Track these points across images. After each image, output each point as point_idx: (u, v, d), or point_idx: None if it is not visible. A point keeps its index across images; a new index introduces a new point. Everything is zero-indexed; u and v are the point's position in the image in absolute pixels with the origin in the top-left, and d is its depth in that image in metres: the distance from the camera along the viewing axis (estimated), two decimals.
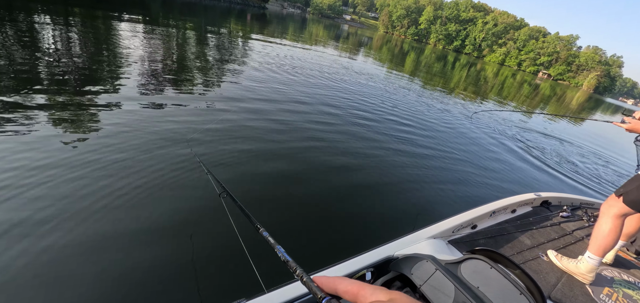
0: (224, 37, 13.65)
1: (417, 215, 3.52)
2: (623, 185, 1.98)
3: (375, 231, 3.10)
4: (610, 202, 2.01)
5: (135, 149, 3.54)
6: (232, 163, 3.71)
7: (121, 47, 7.50)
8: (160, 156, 3.49)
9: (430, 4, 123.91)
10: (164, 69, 6.72)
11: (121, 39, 8.42)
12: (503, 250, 2.18)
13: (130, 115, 4.29)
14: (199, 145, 3.94)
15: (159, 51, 8.04)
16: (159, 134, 3.97)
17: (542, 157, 7.00)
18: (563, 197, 3.34)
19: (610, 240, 1.96)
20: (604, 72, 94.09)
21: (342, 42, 26.32)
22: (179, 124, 4.39)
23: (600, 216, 2.05)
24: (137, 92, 5.14)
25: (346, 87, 9.22)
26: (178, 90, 5.74)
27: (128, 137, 3.75)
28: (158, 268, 2.21)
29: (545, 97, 27.63)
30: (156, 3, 22.08)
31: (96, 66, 5.87)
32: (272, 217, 3.01)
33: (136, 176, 3.08)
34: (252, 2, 58.84)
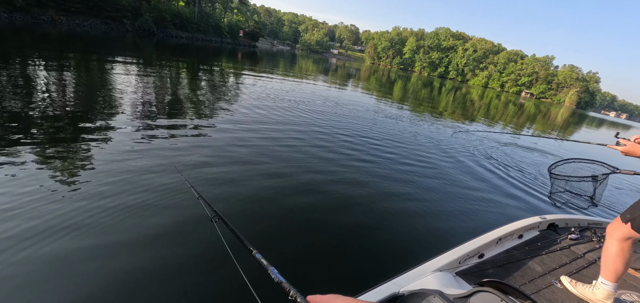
0: (216, 74, 13.88)
1: (421, 247, 3.38)
2: (629, 209, 1.91)
3: (378, 265, 2.92)
4: (615, 226, 1.96)
5: (127, 177, 3.54)
6: (224, 188, 3.72)
7: (115, 87, 7.53)
8: (152, 183, 3.50)
9: (412, 35, 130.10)
10: (156, 105, 6.74)
11: (115, 80, 8.48)
12: (513, 279, 2.10)
13: (122, 146, 4.33)
14: (191, 171, 3.97)
15: (151, 89, 8.10)
16: (151, 162, 4.00)
17: (540, 179, 7.07)
18: (570, 218, 3.24)
19: (619, 264, 1.90)
20: (583, 87, 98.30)
21: (331, 75, 27.01)
22: (171, 152, 4.45)
23: (606, 239, 2.00)
24: (129, 126, 5.15)
25: (338, 117, 9.28)
26: (170, 122, 5.78)
27: (120, 165, 3.77)
28: (152, 297, 2.16)
29: (531, 115, 28.41)
30: (149, 46, 22.60)
31: (90, 105, 5.81)
32: (266, 240, 2.98)
33: (128, 203, 3.08)
34: (242, 41, 60.79)
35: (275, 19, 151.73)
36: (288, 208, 3.60)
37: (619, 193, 6.78)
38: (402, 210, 4.10)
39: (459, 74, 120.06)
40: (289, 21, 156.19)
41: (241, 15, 68.19)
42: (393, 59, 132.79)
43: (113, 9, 33.71)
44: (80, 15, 30.78)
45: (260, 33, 74.29)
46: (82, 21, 30.56)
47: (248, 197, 3.61)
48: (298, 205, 3.68)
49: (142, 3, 40.22)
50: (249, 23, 71.02)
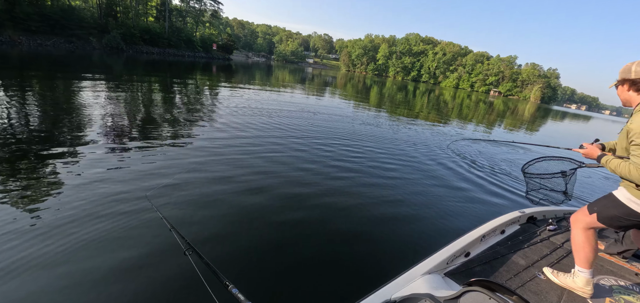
0: (190, 89, 13.48)
1: (409, 251, 3.36)
2: (596, 202, 2.01)
3: (367, 274, 2.87)
4: (579, 216, 2.07)
5: (93, 207, 3.25)
6: (200, 212, 3.44)
7: (81, 109, 7.10)
8: (121, 212, 3.23)
9: (384, 42, 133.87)
10: (127, 125, 6.38)
11: (82, 100, 8.01)
12: (499, 275, 2.17)
13: (88, 172, 4.00)
14: (163, 197, 3.67)
15: (121, 108, 7.69)
16: (120, 189, 3.70)
17: (516, 174, 7.32)
18: (547, 210, 3.37)
19: (588, 251, 1.99)
20: (545, 83, 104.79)
21: (308, 84, 27.12)
22: (143, 176, 4.13)
23: (572, 228, 2.11)
24: (97, 150, 4.80)
25: (317, 125, 9.29)
26: (141, 142, 5.44)
27: (87, 194, 3.47)
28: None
29: (501, 112, 29.80)
30: (119, 63, 21.74)
31: (54, 129, 5.39)
32: (245, 263, 2.76)
33: (94, 235, 2.83)
34: (216, 55, 59.86)
35: (249, 31, 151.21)
36: (268, 224, 3.47)
37: (590, 183, 7.14)
38: (387, 216, 4.09)
39: (431, 76, 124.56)
40: (263, 33, 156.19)
41: (214, 28, 67.36)
42: (367, 65, 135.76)
43: (77, 27, 32.28)
44: (41, 35, 29.24)
45: (235, 46, 73.60)
46: (44, 41, 29.04)
47: (225, 220, 3.40)
48: (278, 222, 3.54)
49: (109, 20, 38.86)
50: (222, 36, 70.25)
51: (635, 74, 1.71)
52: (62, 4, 33.58)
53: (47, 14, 30.21)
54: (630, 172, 1.66)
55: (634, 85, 1.74)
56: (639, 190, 1.74)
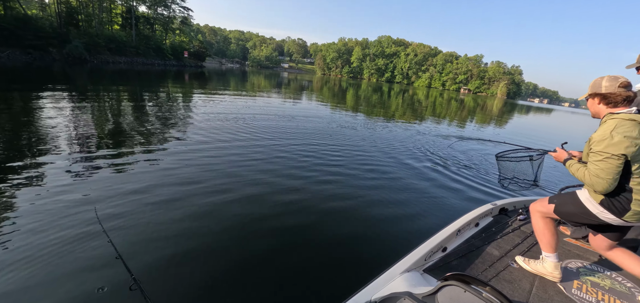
0: (161, 98, 12.92)
1: (388, 250, 3.33)
2: (558, 195, 2.16)
3: (346, 277, 2.80)
4: (536, 206, 2.20)
5: (35, 222, 2.96)
6: (152, 240, 2.98)
7: (40, 124, 6.59)
8: (68, 235, 2.89)
9: (358, 45, 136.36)
10: (88, 139, 5.92)
11: (41, 115, 7.46)
12: (475, 267, 2.23)
13: (34, 191, 3.52)
14: (117, 219, 3.25)
15: (85, 123, 7.14)
16: (68, 207, 3.37)
17: (488, 169, 7.62)
18: (517, 201, 3.54)
19: (550, 236, 2.12)
20: (510, 80, 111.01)
21: (284, 89, 26.99)
22: (98, 194, 3.75)
23: (531, 217, 2.25)
24: (51, 165, 4.34)
25: (293, 130, 9.22)
26: (101, 160, 4.96)
27: (31, 210, 3.12)
28: None
29: (471, 108, 31.13)
30: (82, 74, 20.53)
31: (11, 151, 4.84)
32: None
33: (31, 255, 2.55)
34: (188, 63, 58.18)
35: (222, 38, 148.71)
36: (233, 243, 3.21)
37: (556, 174, 7.55)
38: (365, 218, 4.07)
39: (405, 77, 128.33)
40: (236, 39, 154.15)
41: (184, 36, 65.59)
42: (342, 68, 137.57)
43: (34, 37, 30.17)
44: None
45: (207, 52, 72.08)
46: None
47: (180, 244, 2.98)
48: (246, 239, 3.29)
49: (70, 29, 36.73)
50: (193, 43, 68.54)
51: (605, 89, 1.80)
52: (17, 13, 31.32)
53: (0, 24, 28.08)
54: (584, 176, 1.79)
55: (604, 99, 1.83)
56: (598, 194, 1.84)
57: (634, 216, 1.77)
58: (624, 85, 1.75)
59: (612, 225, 1.93)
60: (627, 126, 1.69)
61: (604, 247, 2.09)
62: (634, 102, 1.83)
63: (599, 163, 1.71)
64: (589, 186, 1.79)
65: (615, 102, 1.79)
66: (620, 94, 1.75)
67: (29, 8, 39.72)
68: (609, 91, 1.78)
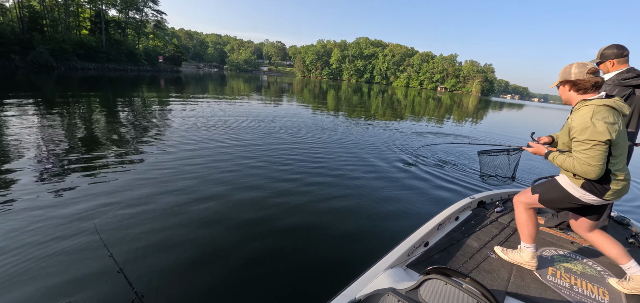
0: (136, 105, 12.37)
1: (371, 248, 3.36)
2: (539, 185, 2.20)
3: (329, 277, 2.81)
4: (521, 198, 2.25)
5: (32, 235, 2.86)
6: (150, 253, 2.92)
7: (8, 134, 6.19)
8: (65, 247, 2.81)
9: (336, 46, 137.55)
10: (63, 152, 5.58)
11: (7, 125, 7.00)
12: (456, 259, 2.29)
13: (24, 204, 3.33)
14: (111, 230, 3.20)
15: (56, 133, 6.73)
16: (62, 224, 3.19)
17: (467, 164, 7.89)
18: (494, 194, 3.67)
19: (531, 227, 2.18)
20: (483, 78, 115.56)
21: (264, 92, 26.66)
22: (86, 209, 3.57)
23: (515, 208, 2.30)
24: (31, 181, 4.13)
25: (274, 133, 9.16)
26: (83, 171, 4.75)
27: (25, 223, 3.00)
28: None
29: (448, 106, 32.07)
30: (49, 82, 19.38)
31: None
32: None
33: (29, 269, 2.46)
34: (163, 67, 56.41)
35: (198, 42, 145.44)
36: (226, 257, 3.22)
37: (533, 166, 7.76)
38: (349, 217, 4.08)
39: (383, 77, 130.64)
40: (213, 43, 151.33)
41: (158, 40, 63.62)
42: (322, 70, 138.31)
43: None
44: None
45: (183, 57, 70.30)
46: None
47: (181, 255, 2.95)
48: (239, 244, 3.27)
49: (34, 35, 34.71)
50: (168, 47, 66.63)
51: (575, 75, 1.86)
52: None
53: None
54: (575, 166, 1.80)
55: (574, 86, 1.88)
56: (577, 178, 1.92)
57: (613, 195, 1.86)
58: (592, 71, 1.82)
59: (592, 206, 2.02)
60: (604, 112, 1.74)
61: (586, 228, 2.16)
62: (601, 88, 1.90)
63: (587, 152, 1.74)
64: (581, 174, 1.79)
65: (585, 88, 1.85)
66: (589, 81, 1.82)
67: None
68: (579, 78, 1.84)
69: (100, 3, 45.87)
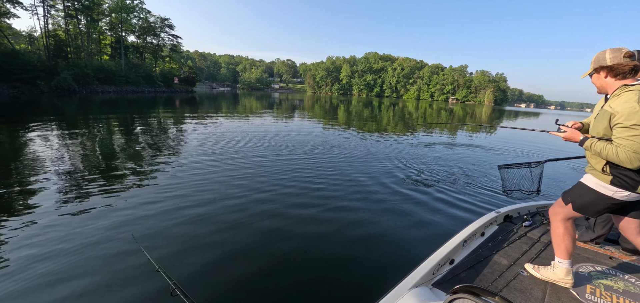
0: (155, 126, 12.78)
1: (395, 266, 3.29)
2: (569, 192, 2.06)
3: (353, 297, 2.76)
4: (557, 209, 2.11)
5: (77, 247, 3.08)
6: (183, 253, 3.23)
7: (34, 158, 6.43)
8: (104, 257, 3.02)
9: (346, 62, 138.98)
10: (90, 169, 5.86)
11: (32, 150, 7.27)
12: (485, 278, 2.19)
13: (58, 221, 3.50)
14: (147, 237, 3.46)
15: (81, 152, 7.05)
16: (98, 235, 3.41)
17: (490, 175, 7.68)
18: (521, 207, 3.49)
19: (568, 242, 2.05)
20: (496, 87, 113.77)
21: (276, 109, 27.09)
22: (121, 220, 3.82)
23: (551, 221, 2.16)
24: (61, 199, 4.34)
25: (291, 149, 9.27)
26: (111, 186, 4.99)
27: (69, 236, 3.24)
28: None
29: (461, 117, 31.67)
30: (71, 105, 20.31)
31: (13, 181, 4.95)
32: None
33: (78, 277, 2.67)
34: (178, 88, 58.20)
35: (211, 62, 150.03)
36: (252, 255, 3.30)
37: (556, 179, 7.37)
38: (369, 233, 4.02)
39: (394, 91, 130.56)
40: (226, 63, 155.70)
41: (174, 62, 65.87)
42: (332, 85, 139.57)
43: (22, 71, 29.91)
44: None
45: (197, 77, 72.33)
46: None
47: (210, 255, 3.22)
48: (263, 253, 3.35)
49: (59, 61, 36.59)
50: (183, 69, 68.85)
51: (610, 60, 1.76)
52: (5, 49, 31.17)
53: None
54: (617, 154, 1.67)
55: (611, 71, 1.78)
56: (604, 174, 1.80)
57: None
58: (628, 55, 1.72)
59: (630, 202, 1.87)
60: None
61: (634, 230, 1.98)
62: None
63: (635, 139, 1.61)
64: (624, 163, 1.66)
65: (624, 73, 1.74)
66: (627, 64, 1.72)
67: (17, 43, 39.68)
68: (616, 62, 1.75)
69: (120, 30, 48.15)
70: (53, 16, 39.65)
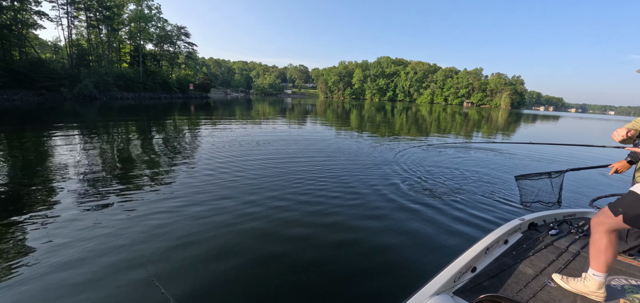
0: (171, 131, 13.06)
1: (415, 272, 3.24)
2: (619, 202, 1.93)
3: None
4: (602, 219, 1.97)
5: (87, 274, 2.90)
6: (197, 282, 2.91)
7: (55, 162, 6.63)
8: (112, 285, 2.79)
9: (358, 67, 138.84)
10: (106, 179, 5.89)
11: (55, 153, 7.57)
12: (509, 287, 2.09)
13: (69, 235, 3.56)
14: (161, 262, 3.17)
15: (99, 160, 7.25)
16: (109, 257, 3.23)
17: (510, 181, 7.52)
18: (546, 215, 3.33)
19: (610, 255, 1.92)
20: (512, 90, 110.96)
21: (289, 114, 27.29)
22: (133, 240, 3.62)
23: (594, 232, 2.01)
24: (77, 209, 4.33)
25: (302, 152, 9.33)
26: (127, 199, 4.90)
27: (68, 265, 3.05)
28: None
29: (476, 121, 30.99)
30: (92, 111, 21.10)
31: (24, 189, 4.95)
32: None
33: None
34: (193, 94, 59.55)
35: (226, 69, 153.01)
36: (270, 265, 3.31)
37: (575, 190, 6.97)
38: (388, 240, 3.97)
39: (407, 95, 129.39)
40: (240, 69, 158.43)
41: (189, 69, 67.53)
42: (344, 90, 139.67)
43: (47, 79, 31.35)
44: (8, 90, 28.23)
45: (212, 84, 73.83)
46: (11, 95, 28.00)
47: (233, 289, 2.92)
48: (286, 269, 3.26)
49: (81, 69, 38.15)
50: (198, 76, 70.46)
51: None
52: (31, 58, 32.80)
53: (15, 68, 29.37)
54: None
55: None
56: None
57: None
58: None
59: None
60: None
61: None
62: None
63: None
64: None
65: None
66: None
67: (43, 52, 41.70)
68: None
69: (138, 38, 49.82)
70: (76, 26, 41.56)
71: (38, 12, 35.33)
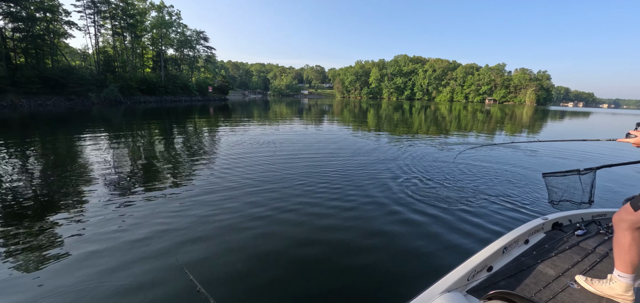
0: (192, 133, 13.45)
1: (425, 269, 3.15)
2: (639, 197, 1.83)
3: (381, 298, 2.69)
4: (623, 215, 1.86)
5: (120, 266, 3.07)
6: (226, 270, 3.09)
7: (85, 164, 6.95)
8: (145, 276, 2.93)
9: (375, 66, 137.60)
10: (133, 178, 6.18)
11: (84, 155, 7.93)
12: (527, 287, 1.95)
13: (100, 232, 3.72)
14: (187, 255, 3.32)
15: (126, 159, 7.59)
16: (140, 250, 3.39)
17: (534, 180, 7.18)
18: (572, 214, 3.15)
19: (634, 254, 1.80)
20: (538, 86, 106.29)
21: (305, 114, 27.44)
22: (162, 234, 3.78)
23: (616, 230, 1.90)
24: (105, 208, 4.50)
25: (319, 153, 9.34)
26: (153, 197, 5.07)
27: (101, 261, 3.18)
28: None
29: (499, 119, 29.88)
30: (118, 114, 22.06)
31: (57, 189, 5.20)
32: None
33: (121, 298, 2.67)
34: (212, 97, 61.07)
35: (244, 71, 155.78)
36: (282, 263, 3.30)
37: (609, 188, 6.40)
38: (402, 234, 3.92)
39: (425, 93, 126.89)
40: (257, 71, 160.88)
41: (208, 72, 69.25)
42: (361, 90, 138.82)
43: (76, 84, 33.26)
44: (41, 96, 30.03)
45: (230, 86, 75.44)
46: (44, 101, 29.79)
47: (255, 275, 3.06)
48: (299, 260, 3.33)
49: (107, 75, 40.00)
50: (217, 78, 72.09)
51: None
52: (63, 65, 34.79)
53: (48, 75, 31.25)
54: None
55: None
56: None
57: None
58: None
59: None
60: None
61: None
62: None
63: None
64: None
65: None
66: None
67: (73, 60, 44.06)
68: None
69: (160, 44, 51.61)
70: (103, 34, 43.64)
71: (68, 22, 37.45)
